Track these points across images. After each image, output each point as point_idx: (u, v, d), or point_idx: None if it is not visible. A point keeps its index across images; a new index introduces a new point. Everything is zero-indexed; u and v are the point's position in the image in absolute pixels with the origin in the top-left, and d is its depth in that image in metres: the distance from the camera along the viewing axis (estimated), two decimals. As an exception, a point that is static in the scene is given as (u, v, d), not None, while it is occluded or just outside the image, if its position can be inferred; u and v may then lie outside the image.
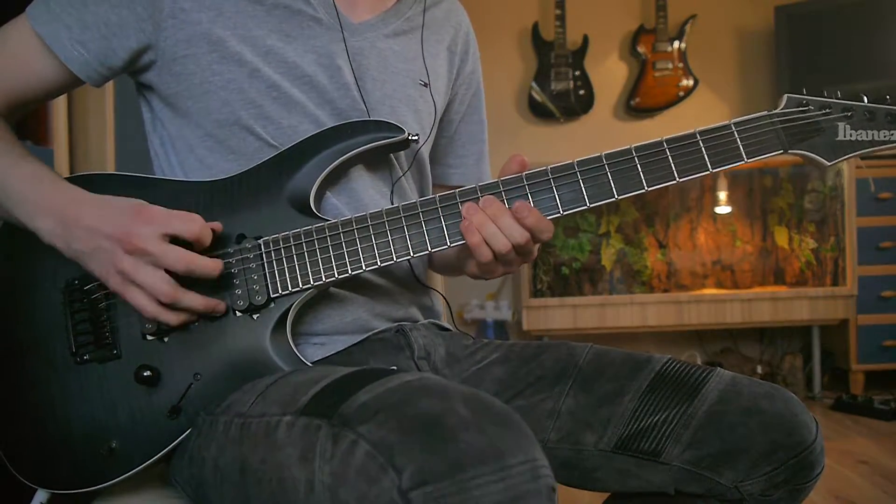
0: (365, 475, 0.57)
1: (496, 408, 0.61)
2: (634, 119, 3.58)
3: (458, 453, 0.56)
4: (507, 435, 0.58)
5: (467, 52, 1.09)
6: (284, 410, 0.70)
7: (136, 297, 0.79)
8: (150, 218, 0.79)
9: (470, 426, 0.57)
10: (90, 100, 2.02)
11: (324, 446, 0.62)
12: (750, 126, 0.82)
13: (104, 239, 0.79)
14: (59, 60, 0.87)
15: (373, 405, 0.62)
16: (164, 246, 0.78)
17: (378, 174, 0.93)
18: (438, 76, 1.02)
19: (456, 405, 0.59)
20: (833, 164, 0.83)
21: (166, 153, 0.94)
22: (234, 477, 0.73)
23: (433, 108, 1.00)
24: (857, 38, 3.18)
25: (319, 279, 0.83)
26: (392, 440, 0.57)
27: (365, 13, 0.96)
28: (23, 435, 0.87)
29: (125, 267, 0.78)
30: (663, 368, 0.86)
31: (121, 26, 0.86)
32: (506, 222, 0.80)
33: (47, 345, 0.86)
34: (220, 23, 0.87)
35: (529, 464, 0.57)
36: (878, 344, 3.05)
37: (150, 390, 0.83)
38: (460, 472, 0.55)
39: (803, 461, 0.79)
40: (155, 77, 0.90)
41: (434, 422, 0.58)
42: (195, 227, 0.80)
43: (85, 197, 0.83)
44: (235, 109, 0.88)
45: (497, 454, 0.56)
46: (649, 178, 0.82)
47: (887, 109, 0.83)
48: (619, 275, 3.20)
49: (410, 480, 0.55)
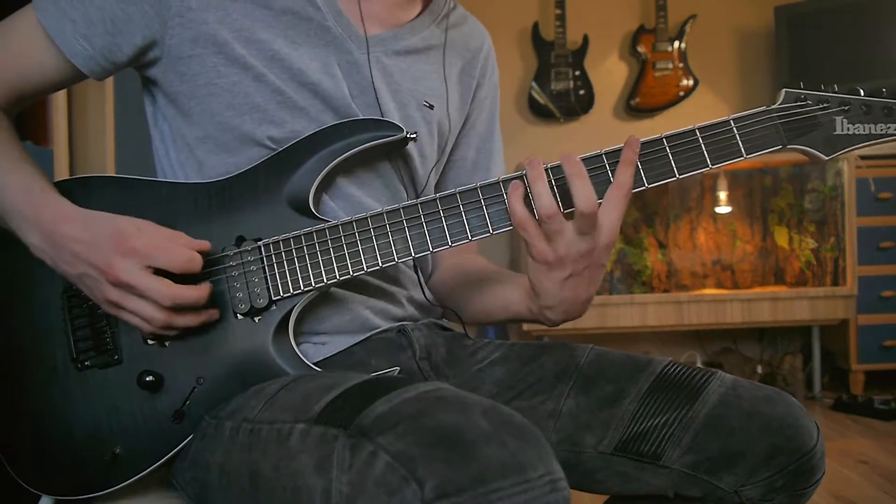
0: (385, 486, 0.58)
1: (515, 421, 0.61)
2: (634, 119, 3.58)
3: (481, 467, 0.56)
4: (527, 448, 0.59)
5: (484, 76, 1.06)
6: (297, 418, 0.70)
7: (130, 319, 0.80)
8: (132, 250, 0.78)
9: (491, 439, 0.58)
10: (90, 100, 2.02)
11: (341, 456, 0.62)
12: (749, 122, 0.82)
13: (89, 267, 0.79)
14: (62, 54, 0.86)
15: (391, 416, 0.62)
16: (148, 280, 0.77)
17: (375, 174, 0.93)
18: (448, 100, 1.00)
19: (476, 418, 0.60)
20: (831, 159, 0.83)
21: (166, 149, 0.94)
22: (242, 483, 0.73)
23: (435, 130, 0.98)
24: (857, 38, 3.18)
25: (321, 281, 0.82)
26: (413, 452, 0.58)
27: (376, 27, 0.94)
28: (25, 441, 0.86)
29: (113, 297, 0.79)
30: (664, 371, 0.86)
31: (127, 22, 0.85)
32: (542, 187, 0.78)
33: (48, 351, 0.86)
34: (226, 24, 0.86)
35: (549, 476, 0.58)
36: (878, 344, 3.05)
37: (152, 395, 0.83)
38: (482, 485, 0.55)
39: (803, 466, 0.79)
40: (159, 73, 0.89)
41: (455, 435, 0.58)
42: (179, 258, 0.79)
43: (72, 214, 0.82)
44: (240, 113, 0.87)
45: (518, 468, 0.57)
46: (650, 175, 0.81)
47: (884, 103, 0.83)
48: (619, 275, 3.20)
49: (433, 492, 0.55)
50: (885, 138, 0.83)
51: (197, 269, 0.80)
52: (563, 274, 0.81)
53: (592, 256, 0.80)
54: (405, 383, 0.67)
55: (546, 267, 0.81)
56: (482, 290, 0.99)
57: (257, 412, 0.75)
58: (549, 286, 0.82)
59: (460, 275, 1.03)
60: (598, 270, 0.82)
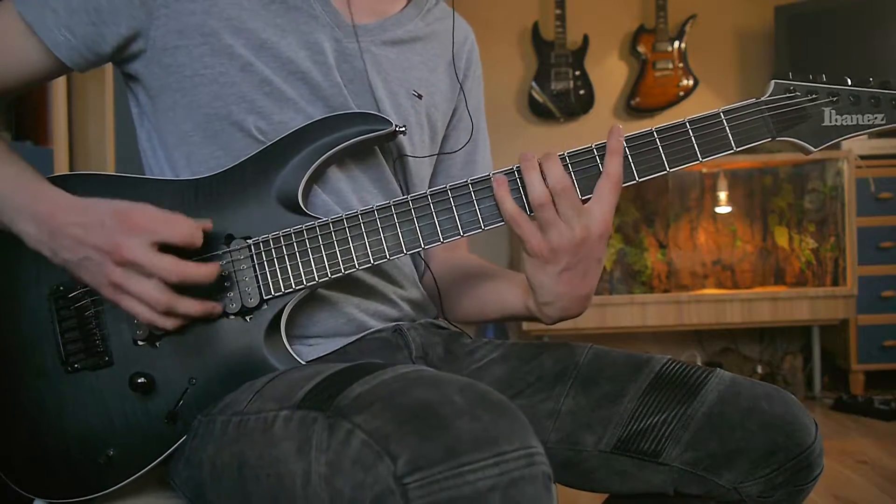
0: (361, 464, 0.58)
1: (491, 396, 0.61)
2: (634, 119, 3.58)
3: (453, 440, 0.56)
4: (501, 422, 0.59)
5: (469, 69, 1.07)
6: (281, 405, 0.70)
7: (131, 305, 0.78)
8: (137, 226, 0.77)
9: (464, 413, 0.58)
10: (90, 100, 2.02)
11: (320, 437, 0.62)
12: (738, 114, 0.82)
13: (92, 250, 0.77)
14: (44, 45, 0.85)
15: (368, 396, 0.62)
16: (155, 256, 0.76)
17: (365, 168, 0.92)
18: (436, 91, 1.00)
19: (451, 394, 0.60)
20: (818, 150, 0.83)
21: (153, 148, 0.93)
22: (232, 474, 0.73)
23: (424, 121, 0.98)
24: (857, 38, 3.18)
25: (312, 279, 0.82)
26: (387, 429, 0.58)
27: (364, 17, 0.94)
28: (17, 445, 0.85)
29: (116, 279, 0.77)
30: (663, 369, 0.86)
31: (111, 12, 0.84)
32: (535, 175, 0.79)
33: (37, 354, 0.85)
34: (214, 14, 0.85)
35: (524, 450, 0.58)
36: (878, 344, 3.05)
37: (145, 397, 0.82)
38: (455, 458, 0.55)
39: (802, 463, 0.79)
40: (143, 67, 0.88)
41: (429, 410, 0.58)
42: (183, 230, 0.78)
43: (68, 202, 0.81)
44: (227, 103, 0.86)
45: (492, 441, 0.57)
46: (640, 169, 0.81)
47: (871, 93, 0.83)
48: (619, 275, 3.20)
49: (406, 467, 0.56)
50: (873, 128, 0.83)
51: (198, 243, 0.79)
52: (558, 267, 0.81)
53: (587, 247, 0.80)
54: (385, 367, 0.67)
55: (541, 260, 0.81)
56: (476, 286, 0.99)
57: (245, 405, 0.75)
58: (545, 280, 0.82)
59: (453, 271, 1.03)
60: (594, 264, 0.82)
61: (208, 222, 0.81)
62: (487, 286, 0.98)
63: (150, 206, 0.80)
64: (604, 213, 0.79)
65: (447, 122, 1.05)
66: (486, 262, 1.05)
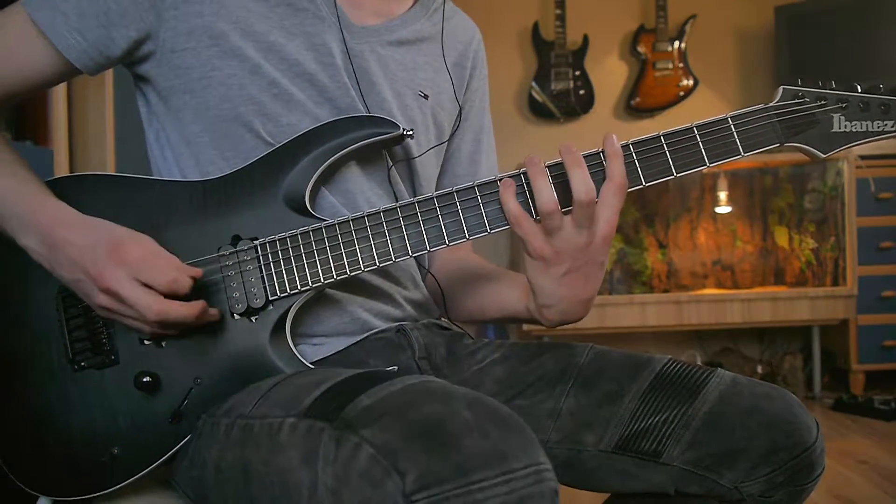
0: (368, 479, 0.57)
1: (500, 412, 0.61)
2: (634, 119, 3.58)
3: (462, 457, 0.56)
4: (510, 439, 0.58)
5: (475, 68, 1.07)
6: (287, 412, 0.70)
7: (124, 322, 0.80)
8: (124, 260, 0.77)
9: (474, 430, 0.58)
10: (90, 100, 2.02)
11: (327, 449, 0.62)
12: (746, 120, 0.82)
13: (82, 273, 0.78)
14: (54, 48, 0.85)
15: (376, 409, 0.62)
16: (136, 291, 0.77)
17: (372, 170, 0.93)
18: (441, 91, 1.00)
19: (459, 409, 0.59)
20: (828, 156, 0.83)
21: (161, 148, 0.93)
22: (236, 478, 0.73)
23: (430, 121, 0.99)
24: (857, 38, 3.18)
25: (318, 281, 0.82)
26: (396, 444, 0.58)
27: (370, 18, 0.95)
28: (22, 442, 0.86)
29: (104, 304, 0.78)
30: (664, 369, 0.86)
31: (121, 15, 0.85)
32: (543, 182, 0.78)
33: (44, 352, 0.85)
34: (222, 16, 0.86)
35: (533, 467, 0.58)
36: (878, 344, 3.05)
37: (150, 396, 0.82)
38: (464, 476, 0.55)
39: (803, 462, 0.79)
40: (152, 69, 0.89)
41: (438, 426, 0.58)
42: (168, 275, 0.77)
43: (70, 218, 0.81)
44: (235, 105, 0.87)
45: (501, 458, 0.56)
46: (647, 174, 0.81)
47: (881, 99, 0.82)
48: (619, 275, 3.20)
49: (414, 484, 0.55)
50: (883, 135, 0.83)
51: (182, 292, 0.78)
52: (560, 270, 0.80)
53: (590, 251, 0.79)
54: (393, 377, 0.67)
55: (543, 263, 0.81)
56: (478, 287, 0.99)
57: (251, 408, 0.75)
58: (546, 283, 0.82)
59: (455, 271, 1.03)
60: (596, 268, 0.81)
61: (199, 270, 0.81)
62: (489, 287, 0.98)
63: (149, 240, 0.80)
64: (608, 217, 0.79)
65: (453, 123, 1.05)
66: (489, 263, 1.05)
